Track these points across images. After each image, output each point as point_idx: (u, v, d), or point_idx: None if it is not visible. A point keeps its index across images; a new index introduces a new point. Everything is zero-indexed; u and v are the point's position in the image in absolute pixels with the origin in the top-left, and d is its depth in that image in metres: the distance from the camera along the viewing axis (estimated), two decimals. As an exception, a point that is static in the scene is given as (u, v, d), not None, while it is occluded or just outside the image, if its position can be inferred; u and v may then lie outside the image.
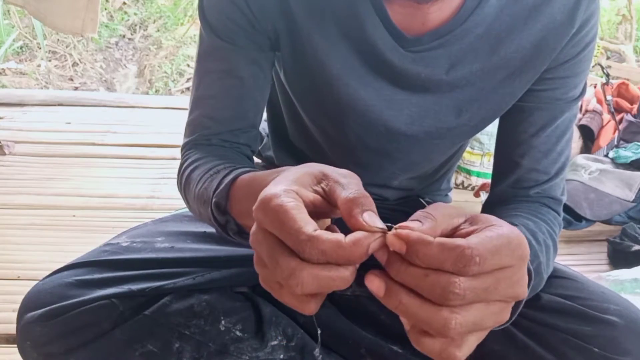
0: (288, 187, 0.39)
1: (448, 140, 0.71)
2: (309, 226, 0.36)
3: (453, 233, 0.39)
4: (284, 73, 0.69)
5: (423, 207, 0.83)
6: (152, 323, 0.64)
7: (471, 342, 0.38)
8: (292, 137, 0.80)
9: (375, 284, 0.38)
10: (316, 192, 0.41)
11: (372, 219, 0.38)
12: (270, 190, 0.39)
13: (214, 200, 0.57)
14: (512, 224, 0.57)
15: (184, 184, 0.67)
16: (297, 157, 0.81)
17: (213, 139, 0.69)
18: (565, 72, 0.66)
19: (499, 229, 0.37)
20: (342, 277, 0.37)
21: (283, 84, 0.72)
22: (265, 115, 0.77)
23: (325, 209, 0.41)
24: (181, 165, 0.71)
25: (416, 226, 0.37)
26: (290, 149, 0.81)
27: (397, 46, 0.62)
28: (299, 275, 0.36)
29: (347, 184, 0.40)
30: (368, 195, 0.39)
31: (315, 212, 0.40)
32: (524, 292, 0.38)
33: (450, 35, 0.61)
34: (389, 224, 0.38)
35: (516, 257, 0.36)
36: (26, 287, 0.65)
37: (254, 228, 0.40)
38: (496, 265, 0.35)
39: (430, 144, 0.70)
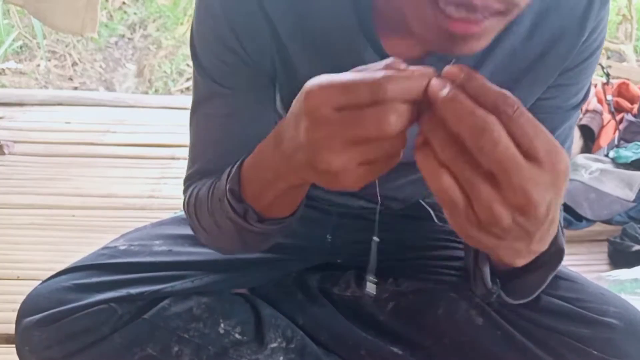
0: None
1: None
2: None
3: None
4: (280, 100, 0.66)
5: (424, 209, 0.83)
6: (151, 327, 0.64)
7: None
8: None
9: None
10: None
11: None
12: (310, 81, 0.40)
13: (228, 187, 0.56)
14: None
15: (195, 207, 0.64)
16: None
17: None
18: (569, 80, 0.62)
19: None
20: (426, 74, 0.38)
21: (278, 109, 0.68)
22: None
23: None
24: (184, 200, 0.67)
25: None
26: None
27: None
28: (389, 110, 0.37)
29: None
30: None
31: None
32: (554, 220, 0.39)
33: (454, 55, 0.57)
34: None
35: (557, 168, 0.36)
36: (26, 287, 0.65)
37: (308, 125, 0.40)
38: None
39: None
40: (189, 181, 0.68)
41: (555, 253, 0.54)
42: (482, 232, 0.38)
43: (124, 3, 3.38)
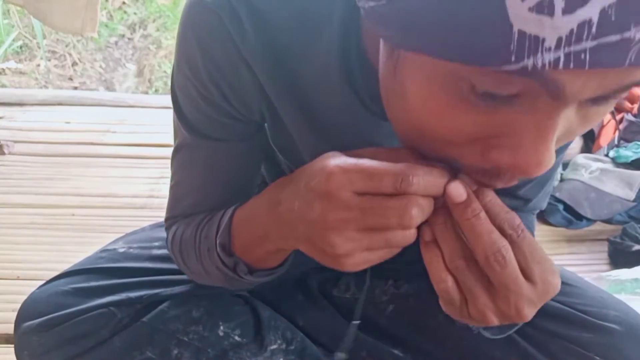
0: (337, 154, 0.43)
1: None
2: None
3: None
4: (273, 142, 0.63)
5: None
6: (151, 330, 0.64)
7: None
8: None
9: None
10: None
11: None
12: (330, 160, 0.42)
13: (218, 241, 0.56)
14: None
15: (181, 249, 0.63)
16: None
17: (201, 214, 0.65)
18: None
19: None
20: (445, 172, 0.40)
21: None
22: None
23: None
24: (168, 237, 0.66)
25: None
26: None
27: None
28: (413, 203, 0.39)
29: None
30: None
31: None
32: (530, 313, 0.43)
33: None
34: None
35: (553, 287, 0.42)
36: (26, 287, 0.65)
37: (324, 205, 0.41)
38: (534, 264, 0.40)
39: None
40: (171, 220, 0.67)
41: None
42: (471, 321, 0.43)
43: (124, 3, 3.38)
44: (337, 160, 0.42)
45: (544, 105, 0.31)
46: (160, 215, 0.74)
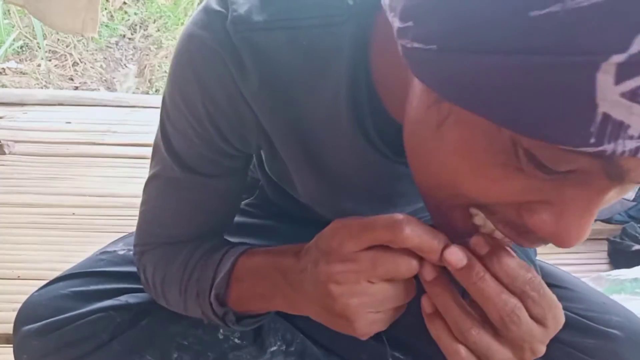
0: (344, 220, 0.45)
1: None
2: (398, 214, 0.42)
3: None
4: (269, 169, 0.62)
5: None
6: (150, 333, 0.63)
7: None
8: (272, 197, 0.73)
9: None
10: None
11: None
12: (329, 231, 0.45)
13: (213, 292, 0.56)
14: None
15: (163, 282, 0.61)
16: (291, 202, 0.70)
17: (179, 244, 0.62)
18: None
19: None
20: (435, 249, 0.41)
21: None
22: None
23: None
24: (141, 267, 0.64)
25: None
26: (284, 194, 0.72)
27: (407, 171, 0.53)
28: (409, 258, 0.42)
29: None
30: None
31: None
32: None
33: None
34: None
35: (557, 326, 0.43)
36: (26, 286, 0.65)
37: (329, 259, 0.44)
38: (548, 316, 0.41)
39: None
40: (142, 247, 0.64)
41: None
42: None
43: (124, 3, 3.38)
44: (343, 220, 0.44)
45: (598, 182, 0.30)
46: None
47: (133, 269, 0.67)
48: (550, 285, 0.66)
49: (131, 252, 0.69)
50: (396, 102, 0.45)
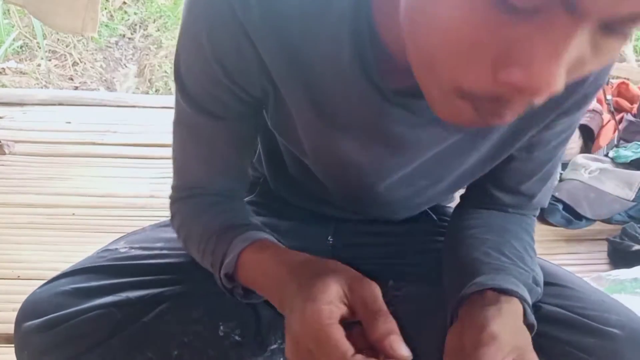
0: (324, 305, 0.48)
1: (447, 190, 0.69)
2: (350, 351, 0.45)
3: None
4: (271, 125, 0.64)
5: (432, 220, 0.81)
6: (151, 330, 0.64)
7: None
8: (290, 168, 0.75)
9: None
10: (344, 303, 0.49)
11: (397, 345, 0.47)
12: (309, 308, 0.47)
13: (222, 272, 0.60)
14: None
15: (185, 239, 0.68)
16: (295, 187, 0.76)
17: (203, 194, 0.68)
18: (564, 119, 0.61)
19: None
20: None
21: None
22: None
23: (349, 318, 0.49)
24: (172, 216, 0.70)
25: None
26: (287, 179, 0.76)
27: (403, 116, 0.55)
28: None
29: (372, 301, 0.49)
30: (390, 316, 0.48)
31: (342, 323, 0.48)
32: None
33: None
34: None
35: None
36: (26, 286, 0.65)
37: (292, 345, 0.49)
38: None
39: (432, 189, 0.68)
40: (176, 193, 0.70)
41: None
42: None
43: (124, 3, 3.38)
44: (310, 310, 0.48)
45: (560, 23, 0.32)
46: (161, 215, 0.75)
47: (133, 262, 0.67)
48: (550, 284, 0.66)
49: (132, 250, 0.69)
50: (396, 40, 0.46)
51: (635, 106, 1.91)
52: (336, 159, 0.61)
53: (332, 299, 0.48)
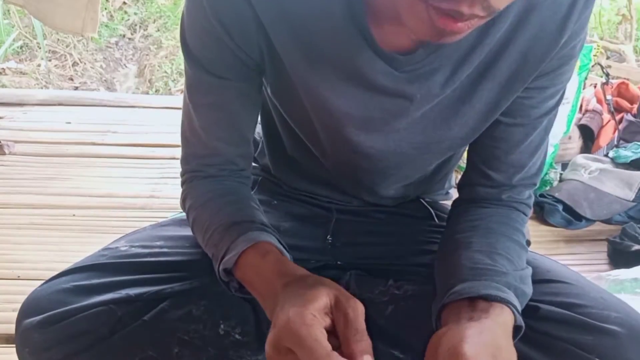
0: (309, 311, 0.49)
1: (438, 153, 0.70)
2: (329, 347, 0.47)
3: None
4: (271, 92, 0.68)
5: (424, 208, 0.83)
6: (151, 328, 0.64)
7: None
8: (289, 148, 0.78)
9: None
10: (328, 316, 0.51)
11: None
12: (293, 311, 0.49)
13: (221, 268, 0.61)
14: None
15: (193, 221, 0.70)
16: (295, 169, 0.79)
17: (211, 169, 0.70)
18: (546, 83, 0.63)
19: None
20: None
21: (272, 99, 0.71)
22: (259, 120, 0.77)
23: (330, 331, 0.50)
24: (182, 193, 0.72)
25: None
26: (287, 161, 0.79)
27: (389, 69, 0.59)
28: None
29: (354, 318, 0.50)
30: (367, 337, 0.50)
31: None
32: None
33: (446, 46, 0.58)
34: None
35: None
36: (26, 287, 0.65)
37: (273, 341, 0.50)
38: None
39: (420, 159, 0.69)
40: (186, 173, 0.72)
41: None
42: None
43: (124, 3, 3.38)
44: (293, 314, 0.49)
45: None
46: (161, 216, 0.75)
47: (134, 260, 0.67)
48: (548, 280, 0.66)
49: (133, 249, 0.70)
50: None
51: (635, 106, 1.91)
52: (330, 113, 0.64)
53: (318, 308, 0.50)
